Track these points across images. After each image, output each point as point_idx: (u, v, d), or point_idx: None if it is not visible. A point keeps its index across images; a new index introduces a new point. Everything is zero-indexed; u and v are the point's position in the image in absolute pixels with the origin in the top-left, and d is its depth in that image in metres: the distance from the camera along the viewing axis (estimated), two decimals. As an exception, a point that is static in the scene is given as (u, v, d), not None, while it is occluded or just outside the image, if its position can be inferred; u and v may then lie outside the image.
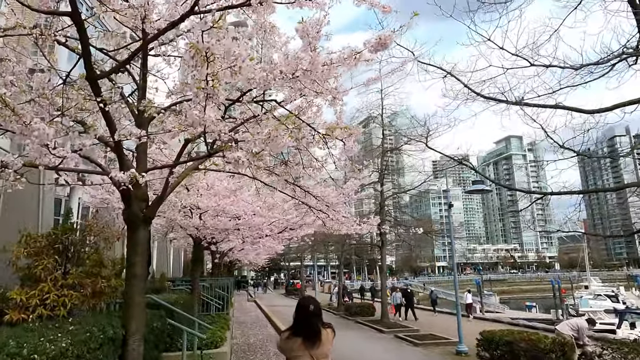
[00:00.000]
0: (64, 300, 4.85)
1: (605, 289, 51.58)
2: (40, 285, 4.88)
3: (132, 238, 4.73)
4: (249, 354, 12.17)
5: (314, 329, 3.87)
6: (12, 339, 3.01)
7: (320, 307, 4.16)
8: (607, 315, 33.90)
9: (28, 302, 4.76)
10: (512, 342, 10.60)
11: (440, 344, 15.56)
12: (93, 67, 3.68)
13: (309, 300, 4.11)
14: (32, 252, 5.09)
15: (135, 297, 4.65)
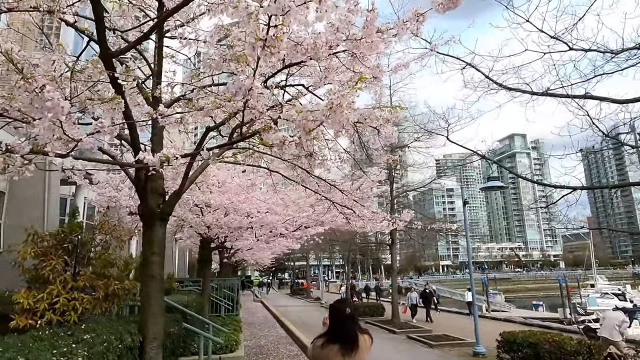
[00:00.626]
0: (75, 304, 4.46)
1: (611, 287, 51.10)
2: (49, 287, 4.50)
3: (148, 236, 4.32)
4: (261, 356, 11.76)
5: (351, 335, 3.50)
6: (19, 352, 2.60)
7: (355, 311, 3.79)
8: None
9: (36, 306, 4.37)
10: (537, 343, 10.18)
11: (455, 344, 15.13)
12: (107, 44, 3.27)
13: (344, 304, 3.74)
14: (40, 252, 4.71)
15: (153, 300, 4.24)
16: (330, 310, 3.71)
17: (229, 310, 14.29)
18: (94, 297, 4.69)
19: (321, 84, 4.31)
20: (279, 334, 16.89)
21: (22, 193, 11.76)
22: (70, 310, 4.43)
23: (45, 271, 4.59)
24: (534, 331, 11.31)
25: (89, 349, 2.98)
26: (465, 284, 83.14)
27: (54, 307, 4.41)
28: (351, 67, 3.31)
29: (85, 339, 3.23)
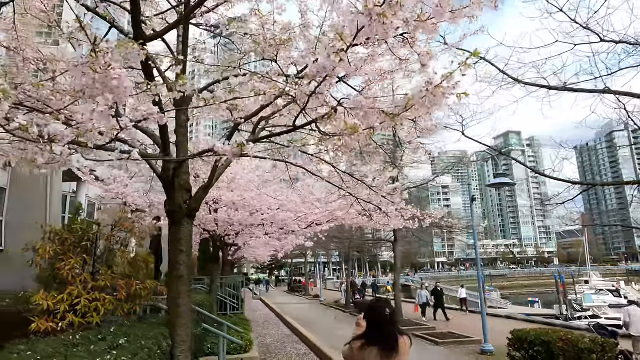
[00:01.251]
0: (97, 306, 4.23)
1: (605, 283, 51.55)
2: (69, 288, 4.27)
3: (175, 234, 4.10)
4: (269, 355, 11.57)
5: (392, 338, 3.35)
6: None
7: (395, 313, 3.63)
8: (611, 310, 33.66)
9: (56, 307, 4.14)
10: (550, 342, 10.07)
11: (461, 342, 15.02)
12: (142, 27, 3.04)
13: (384, 305, 3.58)
14: (59, 251, 4.47)
15: (182, 302, 4.03)
16: (369, 312, 3.57)
17: (235, 309, 14.08)
18: (116, 297, 4.48)
19: (356, 74, 4.11)
20: (284, 332, 16.71)
21: (23, 189, 11.44)
22: (92, 312, 4.21)
23: (64, 271, 4.36)
24: (546, 329, 11.19)
25: (132, 356, 2.76)
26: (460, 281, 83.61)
27: (75, 309, 4.19)
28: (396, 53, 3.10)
29: (121, 344, 3.02)
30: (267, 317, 21.69)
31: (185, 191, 4.19)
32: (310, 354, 12.06)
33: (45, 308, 4.09)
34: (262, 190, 9.20)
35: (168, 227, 4.29)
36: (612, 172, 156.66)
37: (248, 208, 9.16)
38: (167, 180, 4.01)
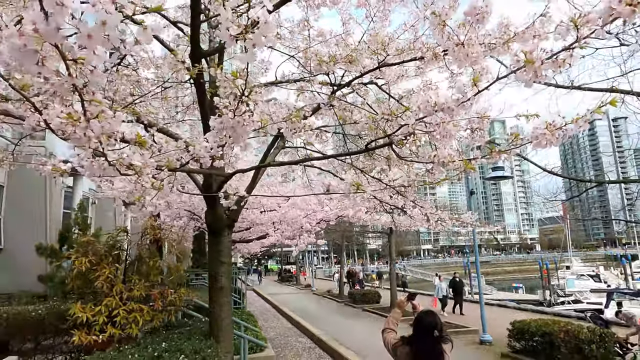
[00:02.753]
0: (135, 317, 4.19)
1: (586, 269, 52.91)
2: (105, 299, 4.21)
3: (215, 245, 4.07)
4: (277, 350, 11.66)
5: (436, 356, 3.34)
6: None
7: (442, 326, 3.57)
8: (592, 295, 34.79)
9: (94, 319, 4.08)
10: (551, 333, 10.35)
11: (459, 332, 15.24)
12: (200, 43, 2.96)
13: (432, 320, 3.43)
14: (94, 262, 4.39)
15: (224, 314, 4.02)
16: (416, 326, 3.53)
17: (237, 304, 14.08)
18: (152, 307, 4.43)
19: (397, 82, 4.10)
20: (284, 325, 16.83)
21: (22, 185, 11.17)
22: (131, 324, 4.17)
23: (99, 282, 4.29)
24: (546, 320, 11.49)
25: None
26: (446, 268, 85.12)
27: (113, 321, 4.14)
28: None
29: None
30: (264, 309, 21.80)
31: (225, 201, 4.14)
32: (316, 348, 12.20)
33: (84, 320, 4.04)
34: (273, 189, 9.16)
35: (207, 238, 4.26)
36: (593, 160, 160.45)
37: (257, 205, 9.13)
38: (210, 193, 3.94)
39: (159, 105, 5.17)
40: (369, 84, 4.52)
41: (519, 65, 1.86)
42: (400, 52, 3.21)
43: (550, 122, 1.98)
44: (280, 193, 9.49)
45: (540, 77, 1.85)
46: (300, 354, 11.30)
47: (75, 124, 1.44)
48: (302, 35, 4.51)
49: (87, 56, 1.21)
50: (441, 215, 6.57)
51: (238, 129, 1.92)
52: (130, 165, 1.77)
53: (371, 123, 2.64)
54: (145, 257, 4.90)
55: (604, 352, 9.75)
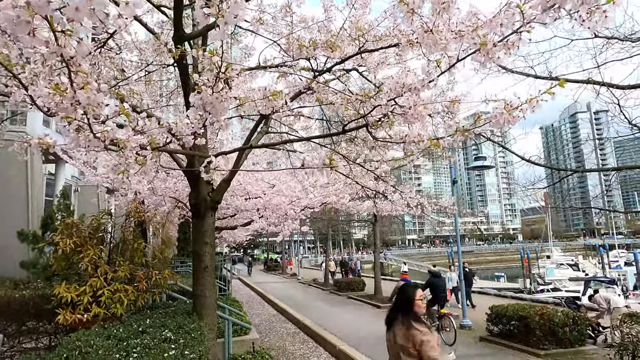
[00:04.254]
0: (120, 297, 4.28)
1: (565, 258, 54.36)
2: (90, 280, 4.28)
3: (199, 226, 4.17)
4: (261, 334, 11.84)
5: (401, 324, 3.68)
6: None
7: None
8: (571, 283, 35.88)
9: (78, 299, 4.16)
10: (527, 316, 10.70)
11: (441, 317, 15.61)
12: (183, 26, 3.03)
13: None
14: (78, 243, 4.45)
15: (208, 292, 4.14)
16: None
17: (222, 291, 14.20)
18: (136, 288, 4.52)
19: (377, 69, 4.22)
20: (269, 312, 17.03)
21: (2, 173, 11.02)
22: (116, 303, 4.25)
23: (83, 263, 4.36)
24: (522, 304, 11.88)
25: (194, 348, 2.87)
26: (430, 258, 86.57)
27: (98, 301, 4.22)
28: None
29: (170, 337, 3.11)
30: (250, 297, 21.96)
31: (208, 184, 4.23)
32: (301, 333, 12.42)
33: (69, 300, 4.11)
34: (257, 175, 9.25)
35: (191, 219, 4.34)
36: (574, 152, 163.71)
37: (242, 192, 9.21)
38: (193, 175, 4.03)
39: (143, 90, 5.19)
40: (350, 71, 4.63)
41: (476, 47, 1.99)
42: (378, 39, 3.32)
43: (508, 103, 2.13)
44: (265, 179, 9.58)
45: (493, 58, 1.99)
46: (285, 339, 11.50)
47: (63, 94, 1.52)
48: (285, 22, 4.58)
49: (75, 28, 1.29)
50: (420, 199, 6.77)
51: (217, 104, 2.02)
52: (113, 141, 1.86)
53: (346, 104, 2.75)
54: (130, 239, 4.98)
55: (576, 334, 10.13)
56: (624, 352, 7.97)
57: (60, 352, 2.67)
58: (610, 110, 8.66)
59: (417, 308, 3.47)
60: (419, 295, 3.55)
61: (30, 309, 4.58)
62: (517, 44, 1.93)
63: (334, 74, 4.27)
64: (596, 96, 8.59)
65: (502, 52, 1.98)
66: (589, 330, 11.15)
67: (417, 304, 3.48)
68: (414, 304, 3.47)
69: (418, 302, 3.49)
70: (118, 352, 2.64)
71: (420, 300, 3.53)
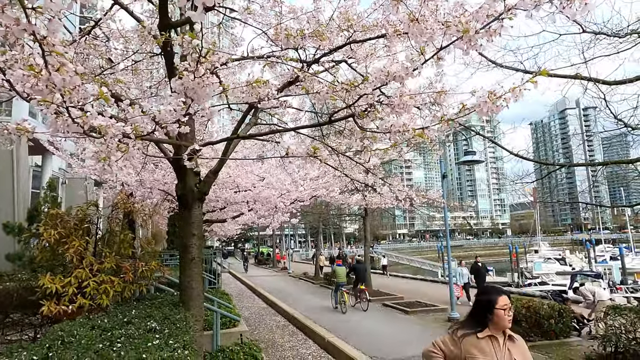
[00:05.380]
0: (106, 288, 4.24)
1: (553, 253, 55.17)
2: (75, 271, 4.24)
3: (186, 218, 4.13)
4: (250, 327, 11.86)
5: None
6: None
7: None
8: (558, 277, 36.47)
9: (63, 290, 4.12)
10: (514, 309, 10.84)
11: (429, 311, 15.72)
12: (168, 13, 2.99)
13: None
14: (63, 234, 4.39)
15: (195, 284, 4.12)
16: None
17: (212, 284, 14.15)
18: (122, 279, 4.49)
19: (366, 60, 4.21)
20: (259, 305, 17.05)
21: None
22: (102, 294, 4.22)
23: (68, 254, 4.31)
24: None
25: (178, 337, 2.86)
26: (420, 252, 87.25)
27: (83, 292, 4.18)
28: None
29: (155, 327, 3.10)
30: (241, 291, 21.96)
31: (195, 175, 4.20)
32: (290, 325, 12.47)
33: (53, 291, 4.07)
34: (247, 168, 9.21)
35: (178, 210, 4.31)
36: (562, 147, 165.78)
37: (232, 185, 9.17)
38: (179, 165, 3.99)
39: (130, 80, 5.12)
40: (340, 63, 4.61)
41: (459, 35, 2.00)
42: (366, 29, 3.30)
43: (491, 91, 2.14)
44: (255, 172, 9.55)
45: (475, 45, 2.00)
46: (274, 331, 11.54)
47: (38, 76, 1.48)
48: (274, 12, 4.54)
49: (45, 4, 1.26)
50: (409, 192, 6.79)
51: (198, 90, 1.99)
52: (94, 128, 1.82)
53: (332, 93, 2.74)
54: (116, 231, 4.94)
55: (562, 326, 10.30)
56: (607, 343, 8.14)
57: (43, 342, 2.65)
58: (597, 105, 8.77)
59: (498, 319, 2.57)
60: (504, 304, 2.60)
61: (14, 300, 4.53)
62: (499, 31, 1.93)
63: (322, 65, 4.24)
64: (584, 91, 8.68)
65: (485, 40, 1.98)
66: (574, 322, 11.35)
67: (498, 315, 2.57)
68: (494, 313, 2.57)
69: (499, 313, 2.57)
70: (101, 342, 2.62)
71: (505, 310, 2.58)
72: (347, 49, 4.02)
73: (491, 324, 2.60)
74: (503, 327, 2.60)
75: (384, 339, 10.22)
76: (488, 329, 2.60)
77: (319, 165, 5.98)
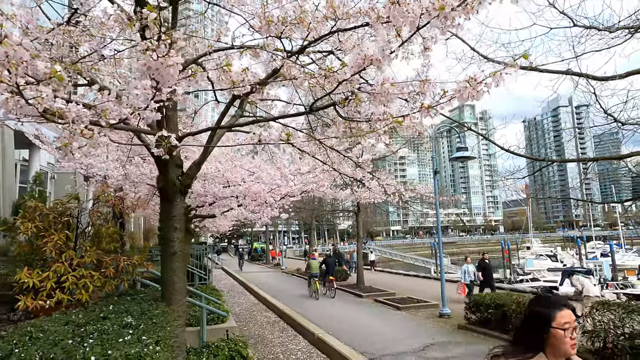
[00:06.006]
0: (85, 283, 4.14)
1: (544, 249, 55.68)
2: (54, 265, 4.13)
3: (168, 211, 4.04)
4: (240, 323, 11.79)
5: None
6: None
7: None
8: (549, 274, 36.79)
9: (41, 285, 4.01)
10: (504, 304, 10.86)
11: (420, 307, 15.77)
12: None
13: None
14: (41, 227, 4.28)
15: (177, 278, 4.02)
16: None
17: (202, 280, 14.06)
18: (103, 274, 4.38)
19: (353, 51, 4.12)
20: (251, 300, 16.97)
21: (-29, 157, 10.61)
22: (81, 289, 4.11)
23: (47, 248, 4.20)
24: (500, 294, 12.09)
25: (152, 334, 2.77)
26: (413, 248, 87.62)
27: (62, 286, 4.07)
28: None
29: (130, 322, 3.01)
30: (232, 287, 21.86)
31: (177, 167, 4.10)
32: (280, 321, 12.40)
33: (30, 286, 3.96)
34: (237, 163, 9.10)
35: (160, 204, 4.21)
36: (555, 144, 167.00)
37: (221, 179, 9.04)
38: (161, 158, 3.88)
39: (113, 70, 5.00)
40: (328, 55, 4.52)
41: (435, 13, 1.92)
42: (350, 16, 3.22)
43: (472, 77, 2.07)
44: (245, 167, 9.43)
45: (452, 24, 1.92)
46: (264, 327, 11.47)
47: (-24, 49, 1.39)
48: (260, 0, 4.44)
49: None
50: (397, 186, 6.73)
51: (162, 70, 1.90)
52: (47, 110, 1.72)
53: (309, 79, 2.65)
54: (98, 224, 4.83)
55: (551, 321, 10.34)
56: (596, 338, 8.16)
57: (10, 337, 2.55)
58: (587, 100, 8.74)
59: (556, 342, 1.91)
60: (565, 322, 1.92)
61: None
62: (477, 8, 1.85)
63: (309, 56, 4.15)
64: (575, 87, 8.65)
65: (462, 17, 1.90)
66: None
67: (557, 336, 1.91)
68: (551, 333, 1.92)
69: (558, 333, 1.90)
70: (72, 338, 2.53)
71: (566, 329, 1.91)
72: (334, 40, 3.93)
73: (548, 347, 1.93)
74: (564, 354, 1.93)
75: (375, 336, 10.20)
76: (544, 356, 1.94)
77: (310, 159, 5.90)
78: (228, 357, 5.61)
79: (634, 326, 7.80)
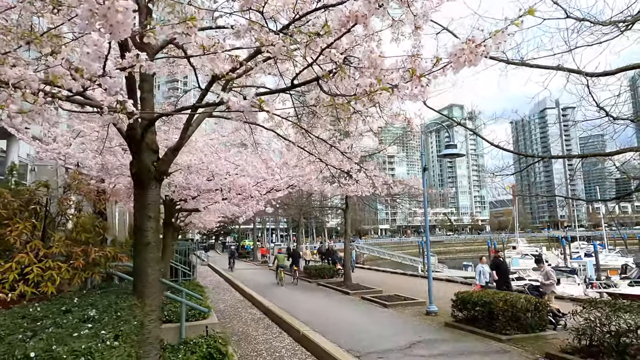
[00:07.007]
0: (52, 275, 3.86)
1: (530, 249, 56.36)
2: (18, 256, 3.84)
3: (141, 199, 3.77)
4: (224, 320, 11.54)
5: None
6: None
7: None
8: (534, 273, 37.21)
9: (3, 277, 3.72)
10: (491, 302, 10.78)
11: (407, 304, 15.66)
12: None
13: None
14: (4, 215, 3.98)
15: (150, 269, 3.76)
16: None
17: (186, 275, 13.76)
18: (72, 266, 4.10)
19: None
20: (236, 297, 16.70)
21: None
22: (47, 281, 3.84)
23: (10, 237, 3.91)
24: (488, 291, 12.01)
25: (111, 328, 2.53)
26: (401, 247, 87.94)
27: (26, 278, 3.79)
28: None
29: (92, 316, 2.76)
30: (218, 283, 21.53)
31: (152, 152, 3.85)
32: (265, 318, 12.17)
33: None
34: (222, 155, 8.84)
35: (133, 191, 3.94)
36: (542, 146, 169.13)
37: (206, 172, 8.78)
38: (135, 140, 3.63)
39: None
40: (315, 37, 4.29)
41: None
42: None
43: (470, 39, 1.87)
44: (230, 160, 9.18)
45: None
46: (249, 324, 11.23)
47: None
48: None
49: None
50: (385, 177, 6.55)
51: (110, 17, 1.64)
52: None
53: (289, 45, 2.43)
54: (70, 214, 4.55)
55: (538, 320, 10.30)
56: (583, 336, 8.12)
57: (-46, 332, 2.30)
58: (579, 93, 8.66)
59: None
60: None
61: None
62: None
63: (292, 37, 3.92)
64: (566, 79, 8.56)
65: None
66: (550, 316, 11.38)
67: None
68: None
69: None
70: (23, 333, 2.29)
71: None
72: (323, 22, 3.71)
73: None
74: None
75: (361, 333, 10.04)
76: None
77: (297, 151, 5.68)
78: (206, 354, 5.37)
79: (620, 324, 7.77)
